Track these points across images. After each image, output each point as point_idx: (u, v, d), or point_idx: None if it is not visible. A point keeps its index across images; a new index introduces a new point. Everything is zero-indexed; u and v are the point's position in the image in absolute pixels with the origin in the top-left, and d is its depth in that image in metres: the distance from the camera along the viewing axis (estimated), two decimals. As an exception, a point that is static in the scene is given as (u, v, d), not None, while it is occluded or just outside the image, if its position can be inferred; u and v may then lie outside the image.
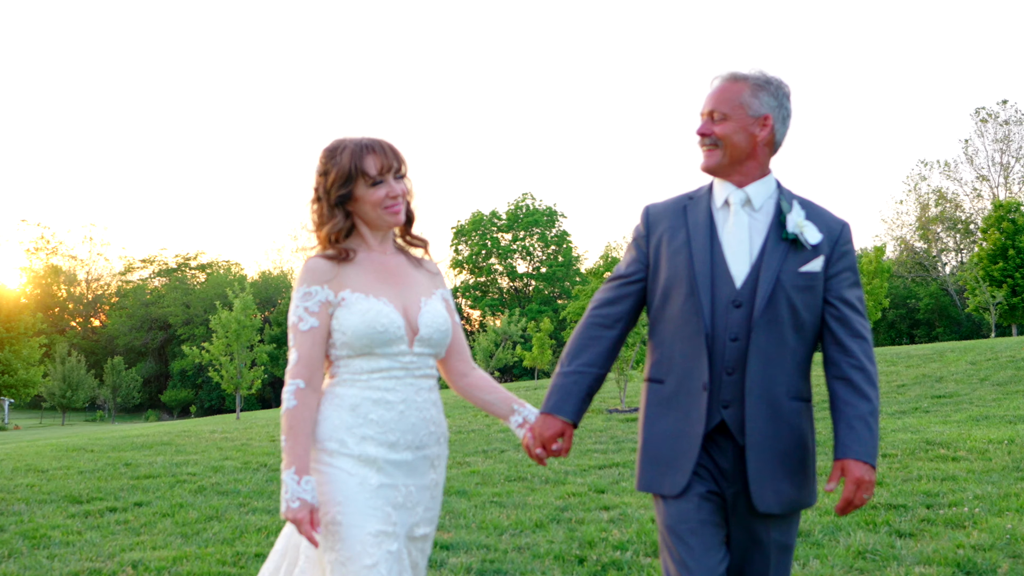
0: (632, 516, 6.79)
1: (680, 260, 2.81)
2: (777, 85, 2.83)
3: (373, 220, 2.87)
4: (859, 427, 2.68)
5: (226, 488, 8.74)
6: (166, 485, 8.96)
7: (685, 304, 2.78)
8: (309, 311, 2.78)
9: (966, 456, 8.75)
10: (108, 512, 7.62)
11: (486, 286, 72.34)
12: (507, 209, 72.39)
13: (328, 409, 2.80)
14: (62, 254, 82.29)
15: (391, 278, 2.90)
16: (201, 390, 69.12)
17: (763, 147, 2.82)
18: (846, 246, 2.83)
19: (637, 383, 19.16)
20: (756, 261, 2.76)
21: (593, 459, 10.01)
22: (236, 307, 21.51)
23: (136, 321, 77.22)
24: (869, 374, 2.74)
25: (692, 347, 2.77)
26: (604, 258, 23.97)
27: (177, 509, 7.67)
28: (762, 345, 2.72)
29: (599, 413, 14.86)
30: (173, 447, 12.39)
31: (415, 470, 2.83)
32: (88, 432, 22.25)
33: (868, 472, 2.66)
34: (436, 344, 2.89)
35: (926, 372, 17.48)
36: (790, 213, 2.78)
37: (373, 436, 2.77)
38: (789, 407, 2.75)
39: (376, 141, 2.86)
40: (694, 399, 2.76)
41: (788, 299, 2.73)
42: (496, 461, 10.12)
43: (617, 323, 2.92)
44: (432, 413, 2.88)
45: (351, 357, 2.80)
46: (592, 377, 2.90)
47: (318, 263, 2.82)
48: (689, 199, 2.93)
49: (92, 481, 9.27)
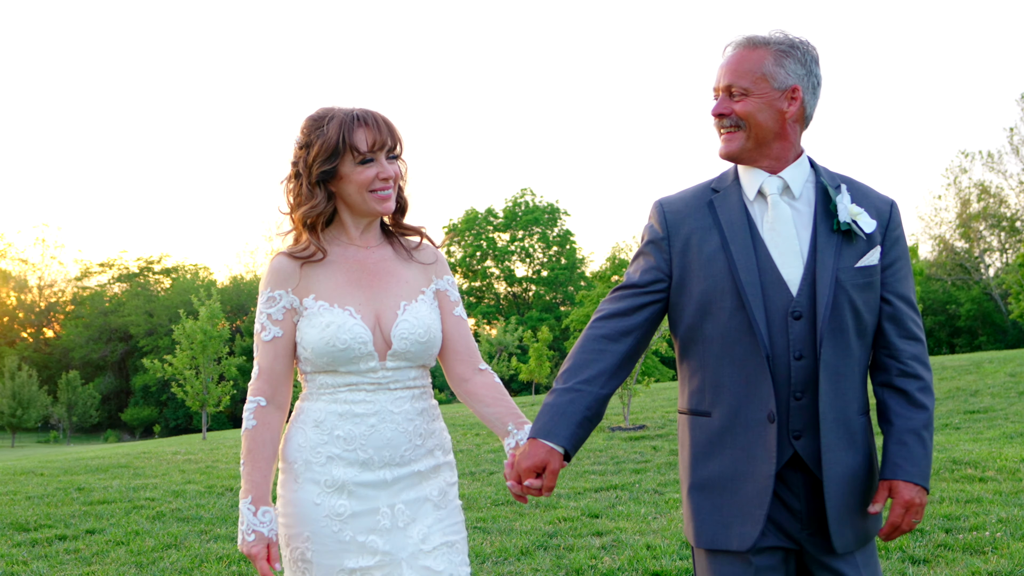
0: (625, 542, 6.93)
1: (718, 267, 2.62)
2: (804, 49, 2.65)
3: (357, 205, 2.74)
4: (911, 443, 2.58)
5: (187, 514, 8.88)
6: (121, 511, 9.10)
7: (732, 320, 2.59)
8: (272, 319, 2.71)
9: (994, 476, 8.91)
10: (57, 540, 7.77)
11: (481, 291, 72.55)
12: (504, 206, 72.59)
13: (293, 427, 2.76)
14: (11, 257, 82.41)
15: (367, 279, 2.76)
16: (166, 408, 69.21)
17: (793, 124, 2.65)
18: (897, 230, 2.69)
19: (643, 398, 19.35)
20: (809, 260, 2.60)
21: (590, 481, 10.16)
22: (202, 316, 21.66)
23: (94, 331, 77.33)
24: (924, 382, 2.64)
25: (748, 371, 2.58)
26: (611, 260, 24.13)
27: (132, 537, 7.82)
28: (831, 360, 2.56)
29: (600, 431, 15.01)
30: (131, 470, 12.55)
31: (400, 488, 2.71)
32: (40, 454, 22.38)
33: (919, 495, 2.56)
34: (416, 357, 2.75)
35: (960, 385, 17.66)
36: (840, 198, 2.62)
37: (340, 454, 2.67)
38: (859, 425, 2.63)
39: (369, 112, 2.73)
40: (757, 433, 2.57)
41: (851, 301, 2.58)
42: (484, 484, 10.27)
43: (625, 337, 2.70)
44: (417, 424, 2.75)
45: (316, 372, 2.74)
46: (592, 397, 2.63)
47: (283, 262, 2.73)
48: (714, 192, 2.74)
49: (41, 507, 9.41)
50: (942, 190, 64.17)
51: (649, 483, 9.78)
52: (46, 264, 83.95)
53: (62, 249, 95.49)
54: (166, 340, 67.80)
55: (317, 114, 2.73)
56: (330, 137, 2.68)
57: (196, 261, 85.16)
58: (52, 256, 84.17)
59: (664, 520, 7.78)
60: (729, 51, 2.67)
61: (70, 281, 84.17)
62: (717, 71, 2.68)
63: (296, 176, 2.75)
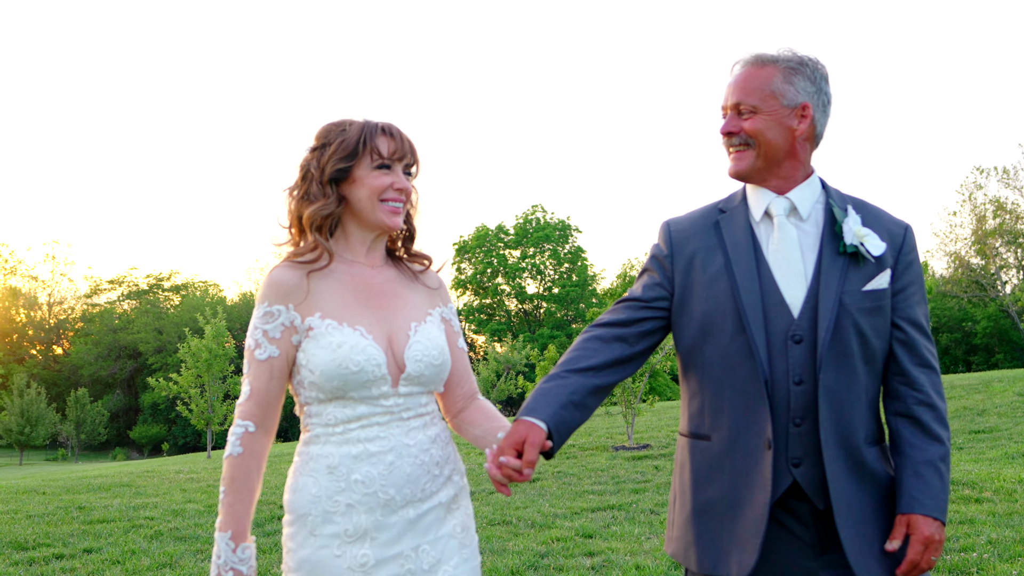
0: (616, 563, 7.03)
1: (720, 289, 2.60)
2: (813, 66, 2.63)
3: (366, 213, 2.63)
4: (928, 475, 2.50)
5: (185, 533, 9.01)
6: (120, 530, 9.24)
7: (732, 343, 2.56)
8: (268, 336, 2.55)
9: (990, 497, 8.97)
10: (54, 559, 7.91)
11: (492, 309, 72.69)
12: (515, 223, 72.84)
13: (303, 476, 2.58)
14: (21, 274, 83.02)
15: (375, 298, 2.66)
16: (175, 426, 69.46)
17: (803, 142, 2.63)
18: (911, 254, 2.63)
19: (649, 417, 19.43)
20: (812, 283, 2.56)
21: (587, 501, 10.26)
22: (207, 334, 21.85)
23: (103, 349, 77.77)
24: (939, 411, 2.57)
25: (747, 395, 2.54)
26: (622, 277, 24.17)
27: (128, 556, 7.95)
28: (832, 386, 2.50)
29: (603, 450, 15.10)
30: (132, 489, 12.71)
31: (425, 526, 2.59)
32: (45, 472, 22.58)
33: (938, 530, 2.47)
34: (429, 381, 2.65)
35: (968, 404, 17.69)
36: (846, 220, 2.58)
37: (361, 500, 2.52)
38: (871, 455, 2.56)
39: (393, 125, 2.68)
40: (754, 459, 2.53)
41: (856, 326, 2.52)
42: (482, 503, 10.37)
43: (619, 342, 2.68)
44: (433, 453, 2.63)
45: (322, 402, 2.57)
46: (578, 383, 2.59)
47: (285, 274, 2.59)
48: (720, 212, 2.73)
49: (41, 526, 9.57)
50: (957, 206, 63.78)
51: (646, 503, 9.87)
52: (56, 281, 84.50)
53: (72, 266, 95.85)
54: (175, 358, 68.02)
55: (337, 120, 2.68)
56: (351, 137, 2.61)
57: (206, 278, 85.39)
58: (62, 273, 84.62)
59: (657, 541, 7.87)
60: (737, 69, 2.66)
61: (80, 298, 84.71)
62: (725, 90, 2.67)
63: (305, 178, 2.66)
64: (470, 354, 36.58)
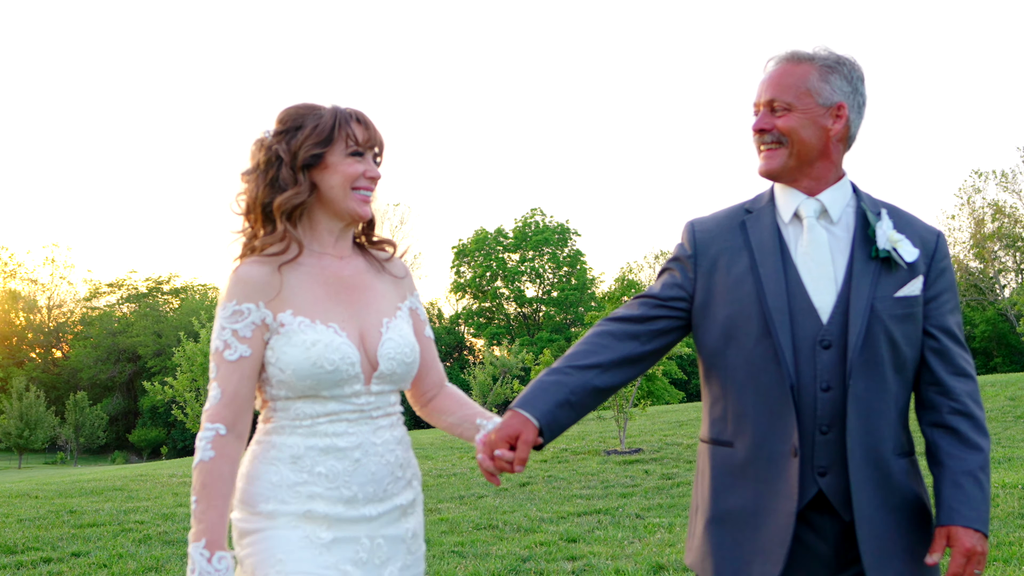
0: (597, 567, 7.11)
1: (746, 291, 2.54)
2: (850, 66, 2.59)
3: (337, 201, 2.55)
4: (968, 485, 2.44)
5: (173, 537, 9.08)
6: (109, 534, 9.31)
7: (757, 347, 2.51)
8: (239, 336, 2.47)
9: (973, 502, 9.05)
10: (42, 563, 7.98)
11: (491, 312, 72.72)
12: (514, 226, 72.84)
13: (262, 464, 2.51)
14: (21, 277, 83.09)
15: (346, 292, 2.59)
16: (174, 429, 69.46)
17: (837, 143, 2.58)
18: (944, 261, 2.60)
19: (643, 421, 19.48)
20: (843, 288, 2.51)
21: (575, 505, 10.34)
22: (203, 338, 21.98)
23: (102, 352, 77.84)
24: (977, 420, 2.51)
25: (772, 401, 2.49)
26: (620, 281, 24.19)
27: (115, 560, 8.03)
28: (861, 394, 2.45)
29: (595, 454, 15.17)
30: (124, 493, 12.78)
31: (382, 523, 2.57)
32: (42, 476, 22.64)
33: (980, 542, 2.41)
34: (400, 379, 2.62)
35: (959, 409, 17.76)
36: (879, 224, 2.54)
37: (322, 493, 2.48)
38: (898, 467, 2.51)
39: (361, 112, 2.61)
40: (779, 467, 2.48)
41: (887, 333, 2.48)
42: (470, 508, 10.45)
43: (632, 340, 2.62)
44: (398, 455, 2.60)
45: (291, 399, 2.51)
46: (579, 382, 2.54)
47: (254, 270, 2.50)
48: (747, 212, 2.67)
49: (31, 530, 9.64)
50: (955, 210, 64.02)
51: (633, 508, 9.95)
52: (55, 284, 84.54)
53: (72, 269, 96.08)
54: (174, 361, 68.06)
55: (303, 103, 2.59)
56: (326, 121, 2.53)
57: (205, 281, 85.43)
58: (62, 276, 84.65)
59: (639, 545, 7.95)
60: (771, 65, 2.61)
61: (79, 301, 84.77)
62: (758, 87, 2.61)
63: (272, 164, 2.54)
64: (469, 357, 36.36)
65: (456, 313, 72.28)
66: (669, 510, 9.72)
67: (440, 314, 73.70)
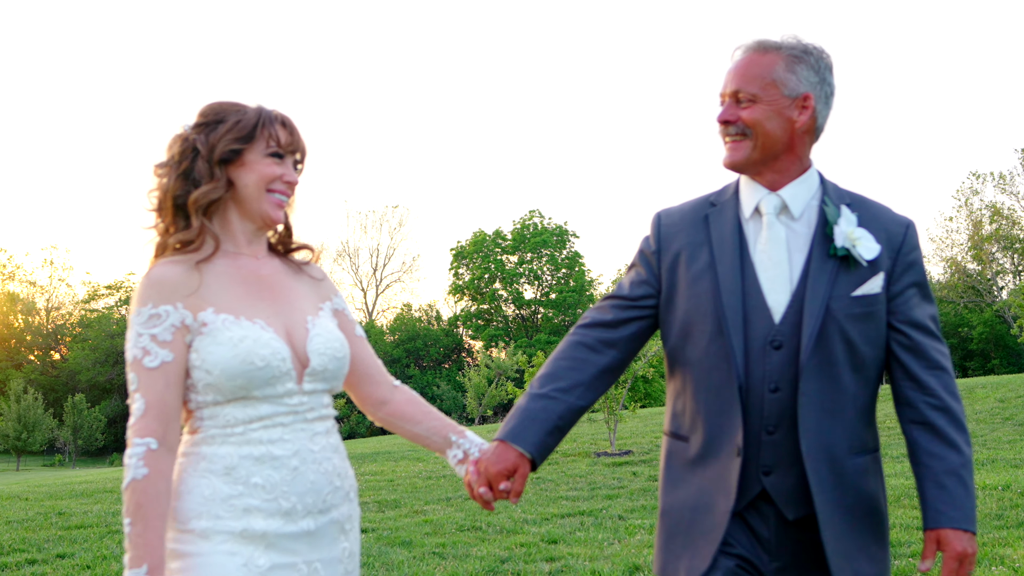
0: (574, 568, 7.18)
1: (703, 288, 2.53)
2: (818, 55, 2.52)
3: (251, 201, 2.46)
4: (952, 485, 2.41)
5: (159, 539, 9.15)
6: (96, 536, 9.38)
7: (711, 345, 2.50)
8: (158, 340, 2.31)
9: (952, 503, 9.12)
10: (27, 564, 8.06)
11: (489, 314, 72.77)
12: (512, 228, 72.91)
13: (192, 477, 2.35)
14: (19, 280, 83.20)
15: (266, 290, 2.49)
16: (172, 431, 69.40)
17: (802, 135, 2.52)
18: (912, 254, 2.52)
19: (629, 423, 19.56)
20: (798, 287, 2.47)
21: (560, 507, 10.40)
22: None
23: (100, 354, 77.86)
24: (954, 415, 2.47)
25: (721, 400, 2.49)
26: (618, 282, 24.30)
27: (100, 561, 8.10)
28: (814, 395, 2.43)
29: (585, 456, 15.24)
30: (115, 495, 12.84)
31: (320, 541, 2.43)
32: (38, 478, 22.74)
33: (970, 542, 2.38)
34: (332, 376, 2.50)
35: (949, 411, 17.83)
36: (837, 222, 2.48)
37: (259, 506, 2.33)
38: (854, 465, 2.49)
39: (287, 117, 2.54)
40: (724, 465, 2.49)
41: (842, 333, 2.44)
42: (456, 509, 10.51)
43: (608, 348, 2.63)
44: (335, 463, 2.48)
45: (219, 404, 2.36)
46: (566, 407, 2.57)
47: (168, 270, 2.37)
48: (711, 205, 2.64)
49: (18, 532, 9.71)
50: (953, 212, 64.00)
51: (617, 509, 10.01)
52: (54, 287, 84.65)
53: (70, 272, 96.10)
54: (172, 363, 67.86)
55: (227, 100, 2.51)
56: (249, 118, 2.45)
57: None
58: (60, 278, 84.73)
59: (619, 546, 8.02)
60: (738, 55, 2.55)
61: (78, 304, 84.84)
62: (725, 76, 2.56)
63: (187, 154, 2.44)
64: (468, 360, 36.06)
65: (454, 315, 72.32)
66: (652, 512, 9.78)
67: (439, 316, 73.76)
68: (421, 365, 68.30)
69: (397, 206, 72.32)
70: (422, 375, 65.55)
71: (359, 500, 2.68)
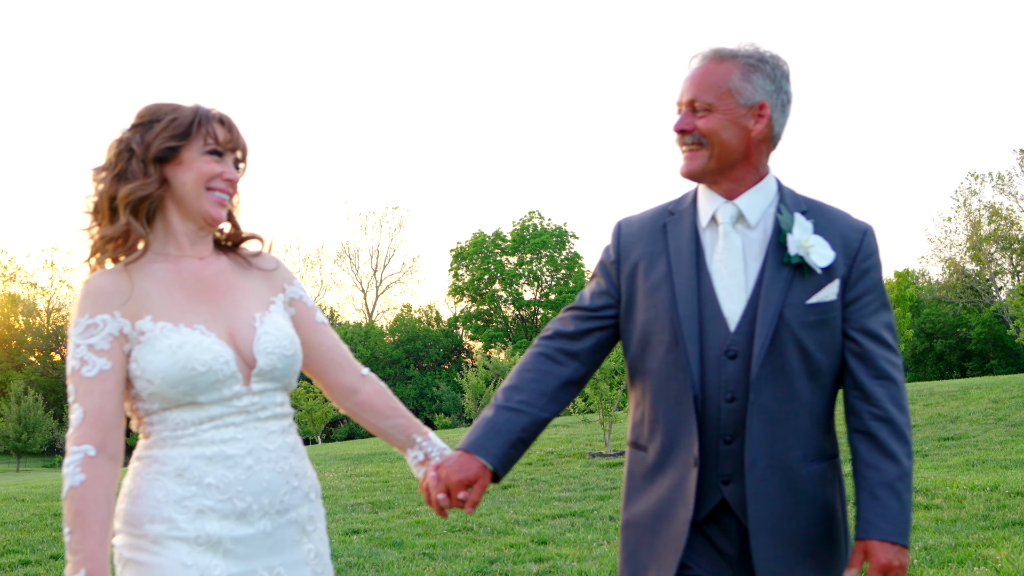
0: (562, 568, 7.23)
1: (660, 298, 2.52)
2: (774, 63, 2.52)
3: (190, 201, 2.42)
4: (885, 497, 2.39)
5: (152, 540, 9.20)
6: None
7: (669, 355, 2.49)
8: (95, 349, 2.30)
9: (940, 504, 9.18)
10: (20, 565, 8.11)
11: (489, 315, 72.82)
12: (512, 229, 72.96)
13: (145, 480, 2.34)
14: (20, 281, 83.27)
15: (208, 292, 2.45)
16: (172, 432, 69.57)
17: (759, 144, 2.51)
18: (868, 260, 2.51)
19: (624, 424, 19.58)
20: (752, 296, 2.47)
21: (552, 508, 10.44)
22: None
23: (101, 355, 77.88)
24: (897, 426, 2.44)
25: (678, 411, 2.48)
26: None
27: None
28: (767, 404, 2.42)
29: (580, 457, 15.28)
30: (111, 496, 12.90)
31: (281, 543, 2.40)
32: (38, 479, 22.78)
33: (898, 555, 2.37)
34: (282, 375, 2.46)
35: (943, 411, 17.90)
36: (791, 231, 2.47)
37: (214, 507, 2.30)
38: (808, 473, 2.47)
39: (226, 115, 2.50)
40: (682, 475, 2.48)
41: (796, 341, 2.43)
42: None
43: (571, 360, 2.63)
44: (292, 462, 2.44)
45: (167, 409, 2.34)
46: (529, 419, 2.58)
47: (103, 279, 2.36)
48: (669, 214, 2.63)
49: (13, 533, 9.76)
50: (952, 212, 64.14)
51: (608, 510, 10.05)
52: (55, 288, 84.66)
53: (71, 273, 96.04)
54: (173, 364, 67.96)
55: (165, 101, 2.48)
56: (184, 115, 2.41)
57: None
58: (61, 280, 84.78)
59: (607, 547, 8.07)
60: (695, 63, 2.54)
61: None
62: (681, 84, 2.55)
63: (123, 155, 2.41)
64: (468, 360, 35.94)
65: (454, 316, 72.40)
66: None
67: (438, 317, 73.84)
68: (421, 366, 68.37)
69: (397, 207, 72.54)
70: (422, 376, 65.66)
71: (358, 500, 2.73)
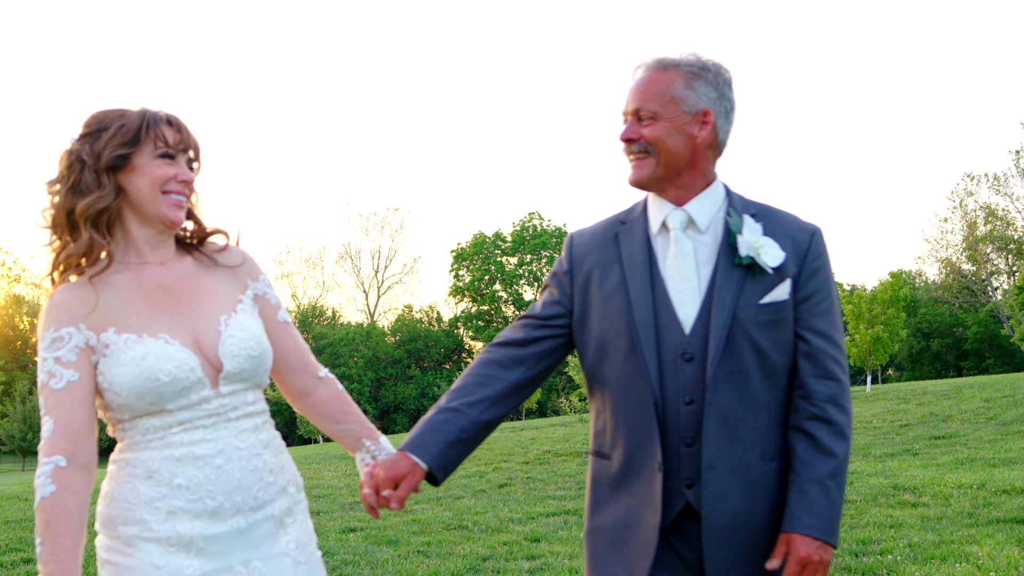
0: (553, 566, 7.32)
1: (616, 306, 2.54)
2: (716, 71, 2.55)
3: (147, 205, 2.41)
4: (813, 493, 2.42)
5: (152, 538, 9.29)
6: (91, 535, 9.46)
7: (626, 362, 2.51)
8: (62, 362, 2.31)
9: (927, 502, 9.26)
10: (22, 563, 8.20)
11: (489, 315, 72.89)
12: (512, 230, 73.03)
13: (118, 483, 2.37)
14: (25, 282, 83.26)
15: (171, 299, 2.44)
16: (176, 432, 69.61)
17: (704, 150, 2.54)
18: (817, 261, 2.54)
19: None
20: (706, 299, 2.49)
21: (546, 506, 10.54)
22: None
23: (105, 356, 78.03)
24: (836, 425, 2.46)
25: (639, 416, 2.49)
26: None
27: (92, 560, 8.15)
28: (724, 405, 2.44)
29: (576, 456, 15.36)
30: (112, 495, 13.00)
31: (256, 539, 2.41)
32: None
33: (818, 550, 2.40)
34: (252, 375, 2.45)
35: (934, 411, 18.01)
36: (741, 232, 2.50)
37: (184, 507, 2.32)
38: (766, 472, 2.49)
39: (174, 116, 2.47)
40: (647, 481, 2.49)
41: (751, 341, 2.45)
42: (444, 509, 10.65)
43: (517, 366, 2.64)
44: (266, 459, 2.44)
45: (137, 417, 2.36)
46: (469, 420, 2.57)
47: (67, 294, 2.37)
48: (621, 223, 2.67)
49: (16, 532, 9.86)
50: (948, 213, 64.21)
51: (601, 508, 10.13)
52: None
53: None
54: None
55: (111, 107, 2.45)
56: (132, 122, 2.39)
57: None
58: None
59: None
60: (639, 73, 2.58)
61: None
62: (626, 95, 2.59)
63: (73, 167, 2.40)
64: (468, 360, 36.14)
65: (455, 316, 72.46)
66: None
67: (439, 317, 73.90)
68: (422, 366, 68.44)
69: (398, 208, 72.65)
70: (423, 376, 65.74)
71: (356, 499, 2.75)
